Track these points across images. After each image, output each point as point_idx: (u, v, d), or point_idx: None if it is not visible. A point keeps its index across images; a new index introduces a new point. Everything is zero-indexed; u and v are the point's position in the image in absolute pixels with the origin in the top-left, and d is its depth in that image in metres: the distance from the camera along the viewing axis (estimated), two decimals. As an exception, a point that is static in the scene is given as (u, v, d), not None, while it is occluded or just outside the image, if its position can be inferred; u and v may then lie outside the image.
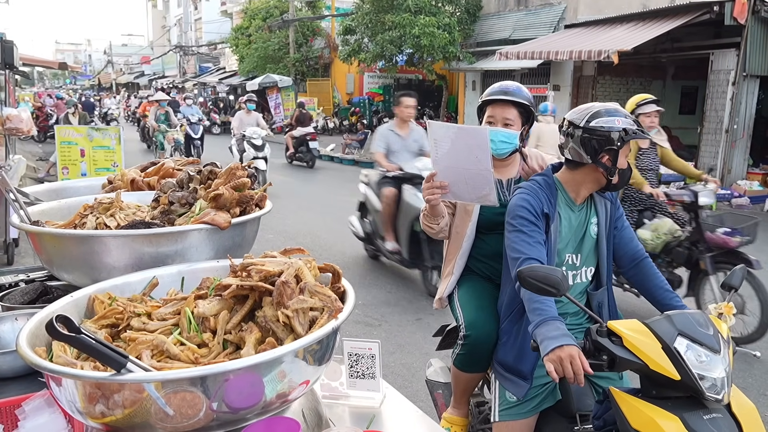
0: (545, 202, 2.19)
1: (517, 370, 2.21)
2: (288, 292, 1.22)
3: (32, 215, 1.93)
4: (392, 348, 4.64)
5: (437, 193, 2.27)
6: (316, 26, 27.35)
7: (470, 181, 2.19)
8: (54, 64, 16.58)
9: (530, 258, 2.08)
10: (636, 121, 2.14)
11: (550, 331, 1.86)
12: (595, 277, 2.31)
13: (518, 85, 2.52)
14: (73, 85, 57.77)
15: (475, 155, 2.11)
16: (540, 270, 1.79)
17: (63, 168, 8.04)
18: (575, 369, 1.75)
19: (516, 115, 2.47)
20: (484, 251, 2.53)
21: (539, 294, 1.80)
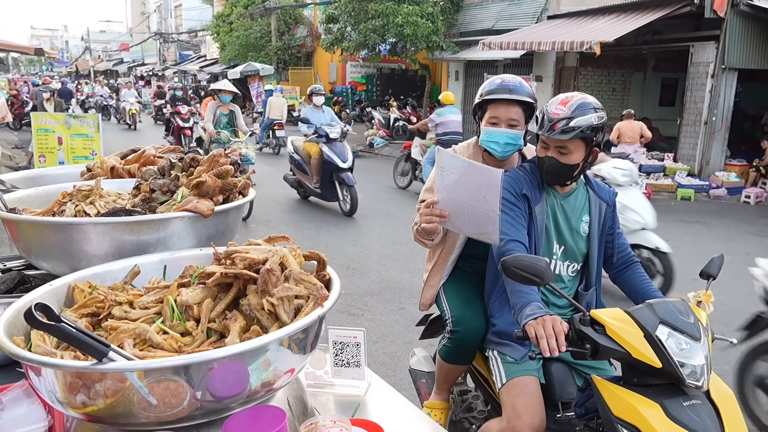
0: (526, 185, 2.21)
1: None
2: (273, 280, 1.21)
3: (9, 202, 1.89)
4: (375, 337, 4.64)
5: (435, 221, 2.16)
6: (298, 14, 27.08)
7: (474, 217, 2.10)
8: (30, 49, 16.19)
9: (512, 240, 2.10)
10: None
11: (533, 309, 1.89)
12: (584, 278, 2.33)
13: (520, 80, 2.42)
14: (50, 71, 56.66)
15: (483, 194, 2.01)
16: (524, 259, 1.80)
17: (40, 156, 7.88)
18: (556, 330, 1.76)
19: (520, 114, 2.37)
20: (473, 252, 2.50)
21: (523, 283, 1.82)
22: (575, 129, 2.06)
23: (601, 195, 2.31)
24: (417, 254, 6.76)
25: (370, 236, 7.73)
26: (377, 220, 8.65)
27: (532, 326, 1.81)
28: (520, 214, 2.18)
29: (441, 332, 2.95)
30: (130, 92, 24.63)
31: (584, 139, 2.09)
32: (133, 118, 22.45)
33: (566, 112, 2.07)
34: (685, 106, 12.73)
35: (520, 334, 1.89)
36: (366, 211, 9.09)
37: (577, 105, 2.08)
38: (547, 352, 1.75)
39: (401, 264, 6.55)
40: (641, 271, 2.33)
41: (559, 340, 1.76)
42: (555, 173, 2.17)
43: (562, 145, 2.10)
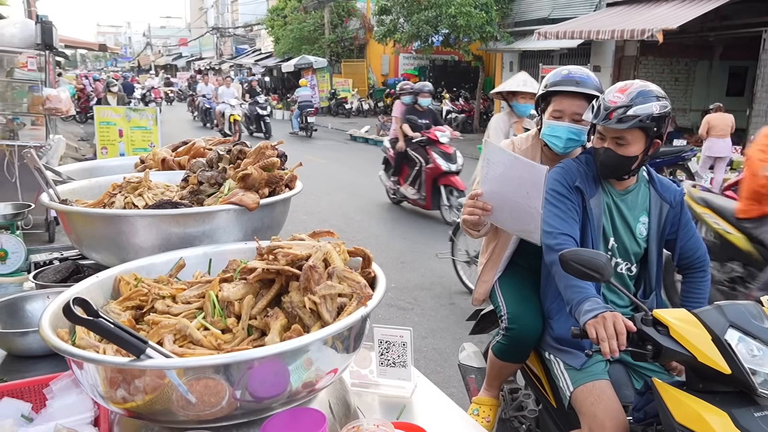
0: (580, 177, 2.09)
1: (574, 342, 2.11)
2: (315, 277, 1.16)
3: (63, 194, 1.92)
4: (424, 332, 4.58)
5: (478, 214, 2.11)
6: (351, 7, 27.14)
7: (516, 213, 2.03)
8: (94, 45, 16.85)
9: (562, 233, 2.01)
10: None
11: (592, 305, 1.79)
12: (643, 283, 2.19)
13: (586, 71, 2.29)
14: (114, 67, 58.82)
15: (526, 190, 1.95)
16: (583, 254, 1.70)
17: (102, 148, 8.17)
18: (618, 330, 1.66)
19: (586, 109, 2.24)
20: (530, 247, 2.38)
21: (582, 279, 1.73)
22: (634, 118, 1.93)
23: (664, 195, 2.15)
24: (468, 248, 6.64)
25: (421, 230, 7.66)
26: (429, 213, 8.56)
27: (593, 326, 1.71)
28: (572, 208, 2.07)
29: (492, 328, 2.87)
30: (228, 91, 17.85)
31: (644, 129, 1.96)
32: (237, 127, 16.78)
33: (624, 100, 1.94)
34: (756, 95, 12.04)
35: (577, 332, 1.80)
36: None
37: (638, 92, 1.95)
38: (608, 354, 1.65)
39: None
40: (700, 280, 2.18)
41: (620, 340, 1.66)
42: (611, 166, 2.04)
43: (619, 135, 1.98)
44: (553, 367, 2.21)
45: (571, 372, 2.10)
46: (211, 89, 20.18)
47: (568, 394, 2.07)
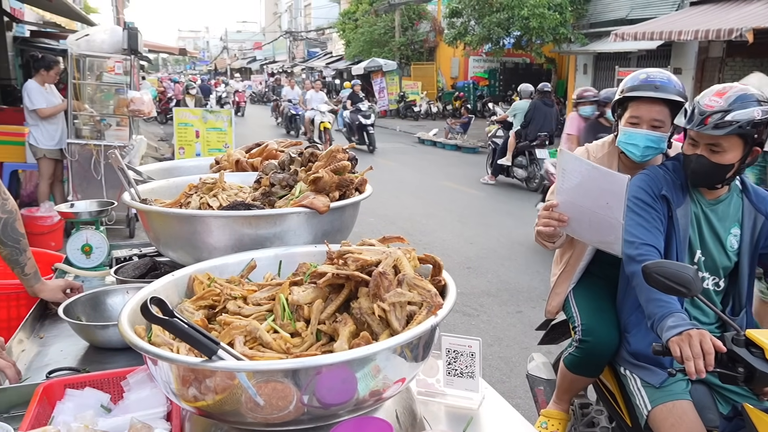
0: (666, 185, 1.98)
1: (653, 358, 2.01)
2: (385, 284, 1.15)
3: (143, 193, 1.99)
4: (490, 340, 4.50)
5: (554, 225, 2.02)
6: (422, 9, 27.15)
7: (595, 224, 1.95)
8: (175, 50, 17.60)
9: (645, 244, 1.91)
10: None
11: (677, 321, 1.68)
12: (732, 299, 2.05)
13: (668, 75, 2.15)
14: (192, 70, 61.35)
15: (606, 200, 1.85)
16: (669, 266, 1.61)
17: (179, 148, 8.52)
18: (705, 349, 1.55)
19: (666, 115, 2.11)
20: (607, 257, 2.27)
21: (665, 293, 1.63)
22: (732, 124, 1.80)
23: (759, 206, 2.00)
24: (538, 256, 6.48)
25: (488, 235, 7.54)
26: (497, 219, 8.43)
27: (677, 343, 1.61)
28: (657, 218, 1.96)
29: (562, 339, 2.78)
30: (318, 96, 16.35)
31: (743, 136, 1.82)
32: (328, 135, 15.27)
33: (722, 105, 1.82)
34: None
35: (659, 348, 1.70)
36: (485, 209, 8.88)
37: (737, 97, 1.82)
38: (694, 375, 1.55)
39: (520, 265, 6.32)
40: None
41: (707, 360, 1.55)
42: (703, 174, 1.92)
43: (715, 142, 1.85)
44: (629, 383, 2.10)
45: (649, 390, 1.99)
46: (297, 94, 18.62)
47: (645, 413, 1.96)
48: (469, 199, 9.71)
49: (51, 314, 1.95)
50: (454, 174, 12.20)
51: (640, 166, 2.20)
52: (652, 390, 1.97)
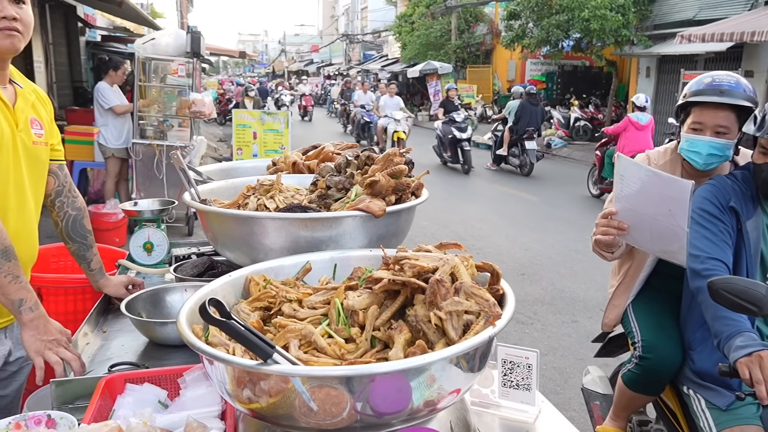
0: (735, 196, 1.87)
1: (719, 379, 1.91)
2: (442, 292, 1.12)
3: (203, 193, 2.03)
4: (544, 350, 4.39)
5: (613, 233, 1.93)
6: (479, 12, 26.91)
7: (657, 232, 1.86)
8: (235, 53, 18.09)
9: (712, 258, 1.80)
10: None
11: (746, 341, 1.58)
12: None
13: (737, 78, 2.03)
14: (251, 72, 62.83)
15: (668, 207, 1.77)
16: (738, 283, 1.52)
17: (237, 149, 8.71)
18: None
19: (733, 121, 1.99)
20: (669, 269, 2.17)
21: (734, 310, 1.54)
22: None
23: None
24: (595, 265, 6.29)
25: (544, 242, 7.38)
26: (553, 225, 8.24)
27: (746, 365, 1.52)
28: (724, 230, 1.86)
29: (620, 352, 2.68)
30: (392, 101, 14.28)
31: None
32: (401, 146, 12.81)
33: None
34: None
35: (725, 369, 1.61)
36: (541, 215, 8.71)
37: None
38: (765, 400, 1.45)
39: (576, 274, 6.15)
40: None
41: None
42: None
43: None
44: (692, 403, 2.00)
45: (715, 412, 1.88)
46: (371, 99, 16.44)
47: None
48: (524, 204, 9.55)
49: (114, 309, 2.01)
50: (508, 178, 12.02)
51: (705, 175, 2.10)
52: (718, 412, 1.87)
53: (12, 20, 1.54)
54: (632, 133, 8.79)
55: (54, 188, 1.87)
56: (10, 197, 1.64)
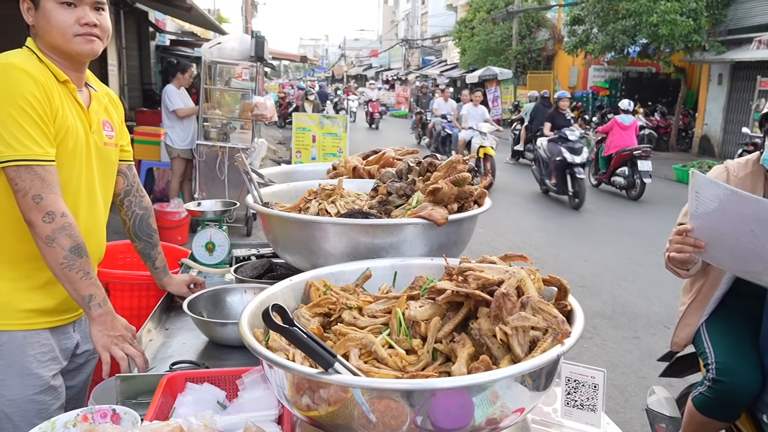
0: None
1: None
2: (508, 306, 1.08)
3: (264, 196, 2.05)
4: (603, 365, 4.21)
5: (688, 251, 1.85)
6: (541, 17, 26.46)
7: (737, 252, 1.77)
8: (296, 57, 18.37)
9: None
10: None
11: None
12: None
13: None
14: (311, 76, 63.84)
15: (750, 227, 1.68)
16: None
17: (296, 151, 8.85)
18: None
19: None
20: (747, 288, 2.05)
21: None
22: None
23: None
24: (659, 279, 6.05)
25: (605, 253, 7.15)
26: (614, 236, 7.98)
27: None
28: None
29: (688, 373, 2.55)
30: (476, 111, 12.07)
31: None
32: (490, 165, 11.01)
33: None
34: None
35: None
36: (601, 226, 8.44)
37: None
38: None
39: (639, 287, 5.92)
40: None
41: None
42: None
43: None
44: None
45: None
46: (452, 108, 14.19)
47: None
48: (584, 215, 9.28)
49: (176, 307, 2.05)
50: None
51: None
52: None
53: (93, 26, 1.61)
54: (618, 132, 10.55)
55: (123, 188, 1.93)
56: (82, 196, 1.70)
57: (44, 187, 1.50)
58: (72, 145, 1.63)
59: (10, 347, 1.62)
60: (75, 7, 1.59)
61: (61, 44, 1.60)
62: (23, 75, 1.50)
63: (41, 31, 1.60)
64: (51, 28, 1.58)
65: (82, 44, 1.61)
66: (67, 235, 1.52)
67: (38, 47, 1.62)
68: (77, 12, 1.59)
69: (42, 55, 1.61)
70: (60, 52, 1.62)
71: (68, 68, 1.65)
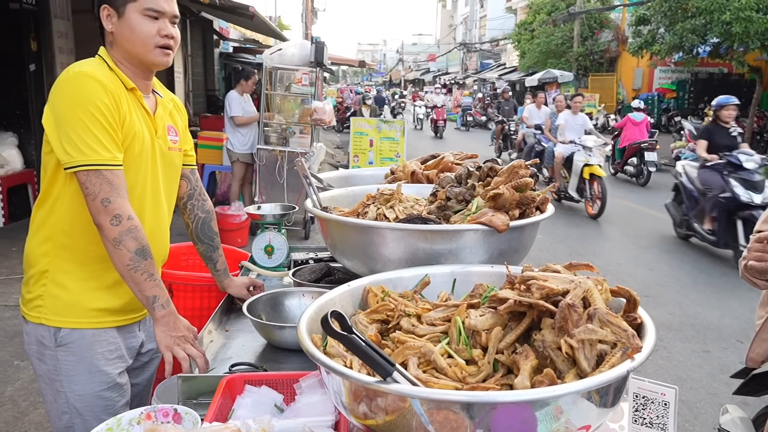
0: None
1: None
2: (574, 318, 1.03)
3: (323, 200, 2.06)
4: (670, 380, 4.05)
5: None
6: (604, 18, 25.75)
7: None
8: (354, 62, 18.58)
9: None
10: None
11: None
12: None
13: None
14: (369, 81, 64.32)
15: None
16: None
17: (354, 156, 8.91)
18: None
19: None
20: None
21: None
22: None
23: None
24: (731, 290, 5.76)
25: (671, 262, 6.86)
26: (680, 244, 7.64)
27: None
28: None
29: (766, 392, 2.39)
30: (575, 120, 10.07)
31: None
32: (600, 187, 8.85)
33: None
34: None
35: None
36: (668, 233, 8.11)
37: None
38: None
39: (708, 299, 5.64)
40: None
41: None
42: None
43: None
44: None
45: None
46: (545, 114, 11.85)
47: None
48: (649, 221, 8.94)
49: (236, 309, 2.08)
50: (631, 192, 11.33)
51: None
52: None
53: (170, 38, 1.67)
54: (630, 128, 12.24)
55: (186, 191, 1.98)
56: (147, 199, 1.74)
57: (112, 191, 1.55)
58: (138, 149, 1.68)
59: (81, 345, 1.68)
60: (157, 19, 1.65)
61: (141, 53, 1.66)
62: (94, 83, 1.56)
63: (121, 39, 1.65)
64: (134, 37, 1.64)
65: (160, 56, 1.68)
66: (133, 238, 1.56)
67: (110, 55, 1.68)
68: (159, 24, 1.65)
69: (112, 64, 1.67)
70: (136, 60, 1.68)
71: (138, 76, 1.70)
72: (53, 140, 1.56)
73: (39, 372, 1.74)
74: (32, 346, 1.72)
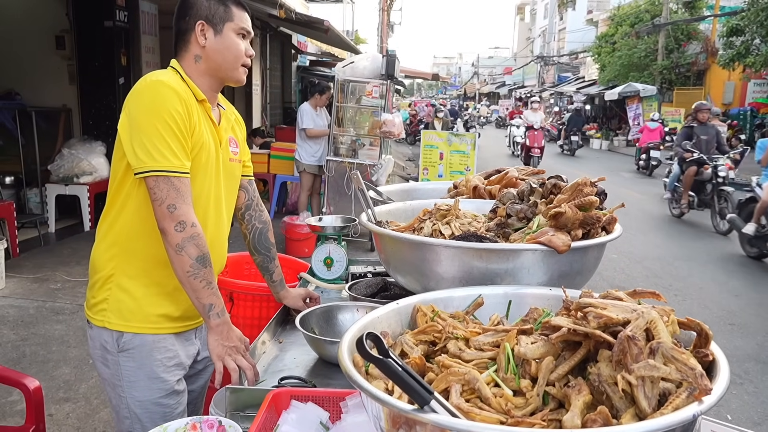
0: None
1: None
2: (634, 352, 0.94)
3: (382, 214, 2.03)
4: (757, 417, 3.73)
5: None
6: (692, 29, 24.56)
7: None
8: (428, 75, 18.57)
9: None
10: None
11: None
12: None
13: None
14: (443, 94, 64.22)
15: None
16: None
17: (424, 168, 8.88)
18: None
19: None
20: None
21: None
22: None
23: None
24: (828, 321, 5.27)
25: (760, 287, 6.37)
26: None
27: None
28: None
29: None
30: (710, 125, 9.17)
31: None
32: None
33: None
34: None
35: None
36: (757, 256, 7.56)
37: None
38: None
39: (804, 329, 5.19)
40: None
41: None
42: None
43: None
44: None
45: None
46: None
47: None
48: (736, 244, 8.37)
49: (291, 320, 2.07)
50: None
51: None
52: None
53: (250, 58, 1.77)
54: (647, 133, 16.30)
55: (244, 202, 2.00)
56: (210, 208, 1.77)
57: (178, 198, 1.58)
58: (205, 159, 1.71)
59: (141, 350, 1.72)
60: (245, 38, 1.75)
61: (228, 69, 1.74)
62: (170, 91, 1.60)
63: (214, 54, 1.72)
64: (228, 53, 1.71)
65: (242, 74, 1.79)
66: (195, 245, 1.59)
67: (183, 67, 1.73)
68: (245, 43, 1.75)
69: (185, 75, 1.71)
70: (221, 75, 1.75)
71: (210, 89, 1.75)
72: (126, 145, 1.61)
73: (103, 376, 1.78)
74: (96, 351, 1.77)
